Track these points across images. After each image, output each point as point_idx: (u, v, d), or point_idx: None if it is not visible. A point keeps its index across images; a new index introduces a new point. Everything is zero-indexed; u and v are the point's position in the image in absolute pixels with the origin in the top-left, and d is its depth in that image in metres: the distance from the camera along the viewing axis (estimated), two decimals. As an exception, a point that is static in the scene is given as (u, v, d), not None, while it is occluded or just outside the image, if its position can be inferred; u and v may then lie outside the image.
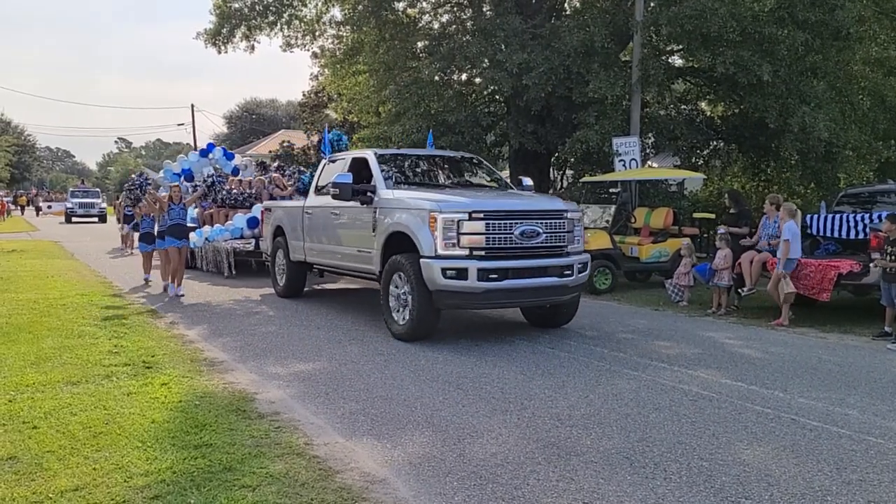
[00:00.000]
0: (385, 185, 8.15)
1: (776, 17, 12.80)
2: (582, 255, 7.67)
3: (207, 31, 17.83)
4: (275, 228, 11.10)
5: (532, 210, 7.36)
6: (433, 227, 7.03)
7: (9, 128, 65.19)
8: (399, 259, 7.43)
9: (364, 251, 8.29)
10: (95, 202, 39.32)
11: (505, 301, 7.45)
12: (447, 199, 7.30)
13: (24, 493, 3.62)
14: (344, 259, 8.97)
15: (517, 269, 7.11)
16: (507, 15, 15.07)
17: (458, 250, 6.98)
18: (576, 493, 3.73)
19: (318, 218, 9.62)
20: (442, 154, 10.47)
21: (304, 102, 31.05)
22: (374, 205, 8.04)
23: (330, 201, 8.90)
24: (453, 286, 6.96)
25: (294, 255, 10.34)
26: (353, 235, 8.61)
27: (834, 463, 4.12)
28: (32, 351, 6.78)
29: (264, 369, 6.41)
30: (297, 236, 10.19)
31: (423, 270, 7.05)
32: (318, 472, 3.94)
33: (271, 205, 11.95)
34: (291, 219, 10.45)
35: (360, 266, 8.59)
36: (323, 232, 9.48)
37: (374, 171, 8.49)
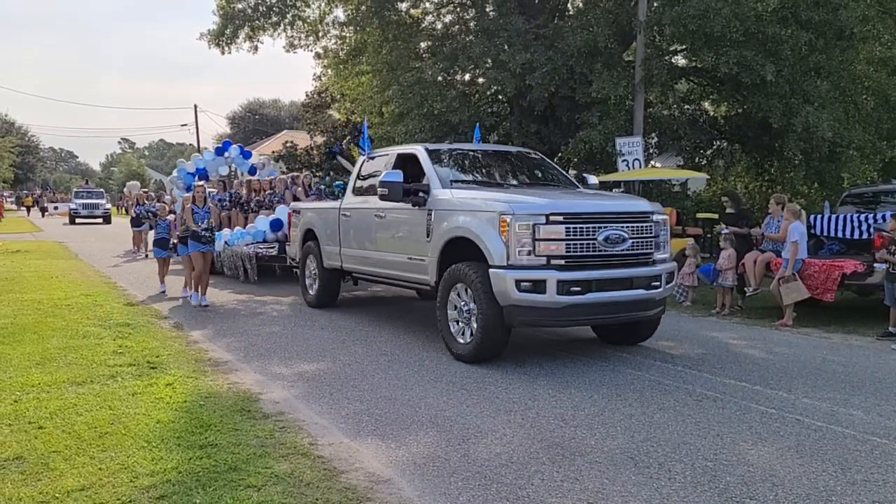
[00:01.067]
0: (441, 184, 7.22)
1: (779, 16, 12.78)
2: (668, 264, 6.82)
3: (211, 31, 17.86)
4: (305, 232, 10.21)
5: (617, 212, 6.49)
6: (504, 232, 6.13)
7: (12, 128, 65.39)
8: (461, 269, 6.56)
9: (415, 259, 7.38)
10: (100, 203, 38.81)
11: (587, 318, 6.51)
12: (520, 200, 6.40)
13: (30, 493, 3.63)
14: (389, 267, 7.99)
15: (601, 281, 6.22)
16: (510, 15, 15.07)
17: (533, 259, 6.08)
18: (580, 493, 3.73)
19: (357, 221, 8.70)
20: (497, 149, 9.37)
21: (308, 103, 31.04)
22: (429, 206, 7.14)
23: (372, 202, 8.16)
24: (529, 301, 6.05)
25: (328, 262, 9.45)
26: (402, 241, 7.71)
27: (838, 463, 4.12)
28: (37, 351, 6.80)
29: (269, 370, 6.43)
30: (332, 241, 9.30)
31: (494, 282, 6.15)
32: (323, 473, 3.95)
33: (301, 206, 10.94)
34: (325, 222, 9.57)
35: (409, 276, 7.63)
36: (364, 236, 8.54)
37: (427, 168, 7.57)
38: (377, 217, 8.15)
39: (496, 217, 6.24)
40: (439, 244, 6.91)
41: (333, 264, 9.35)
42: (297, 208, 10.90)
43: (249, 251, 12.54)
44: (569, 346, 7.46)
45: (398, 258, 7.76)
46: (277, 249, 12.47)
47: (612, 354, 7.03)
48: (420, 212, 7.27)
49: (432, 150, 8.00)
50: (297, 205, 11.22)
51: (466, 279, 6.49)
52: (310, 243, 10.00)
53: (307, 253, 10.10)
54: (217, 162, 16.79)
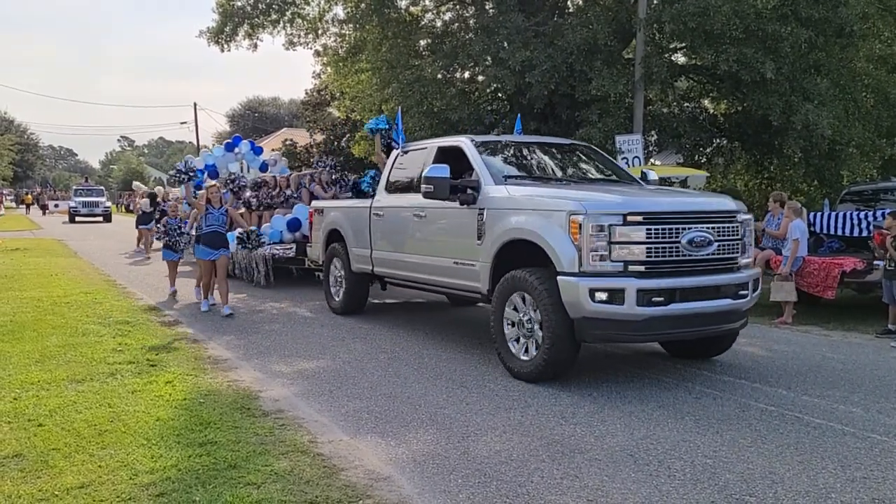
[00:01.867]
0: (493, 180, 6.52)
1: (779, 14, 12.76)
2: (755, 270, 6.17)
3: (210, 29, 17.82)
4: (329, 233, 9.44)
5: (703, 211, 5.78)
6: (575, 233, 5.41)
7: (12, 126, 65.35)
8: (522, 276, 5.84)
9: (464, 264, 6.66)
10: (100, 201, 38.27)
11: (669, 331, 5.71)
12: (592, 198, 5.70)
13: (30, 491, 3.63)
14: (431, 272, 7.26)
15: (686, 290, 5.51)
16: (510, 13, 15.04)
17: (609, 265, 5.37)
18: (580, 490, 3.73)
19: (393, 221, 7.96)
20: (549, 141, 8.49)
21: (307, 101, 31.02)
22: (480, 205, 6.43)
23: (410, 200, 7.53)
24: (604, 312, 5.34)
25: (356, 266, 8.69)
26: (447, 243, 6.97)
27: (838, 460, 4.12)
28: (37, 349, 6.80)
29: (268, 367, 6.43)
30: (362, 243, 8.54)
31: (563, 292, 5.44)
32: (323, 470, 3.95)
33: (325, 205, 10.07)
34: (354, 222, 8.78)
35: (455, 282, 6.90)
36: (400, 238, 7.81)
37: (476, 162, 6.87)
38: (416, 217, 7.41)
39: (565, 217, 5.51)
40: (494, 247, 6.20)
41: (363, 268, 8.61)
42: (319, 207, 10.06)
43: (265, 253, 11.73)
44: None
45: (442, 262, 7.02)
46: (295, 251, 11.73)
47: (612, 352, 7.03)
48: (469, 211, 6.54)
49: (480, 142, 7.28)
50: (321, 203, 10.34)
51: (528, 287, 5.77)
52: (335, 245, 9.25)
53: (332, 255, 9.35)
54: (227, 158, 16.00)
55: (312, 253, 10.42)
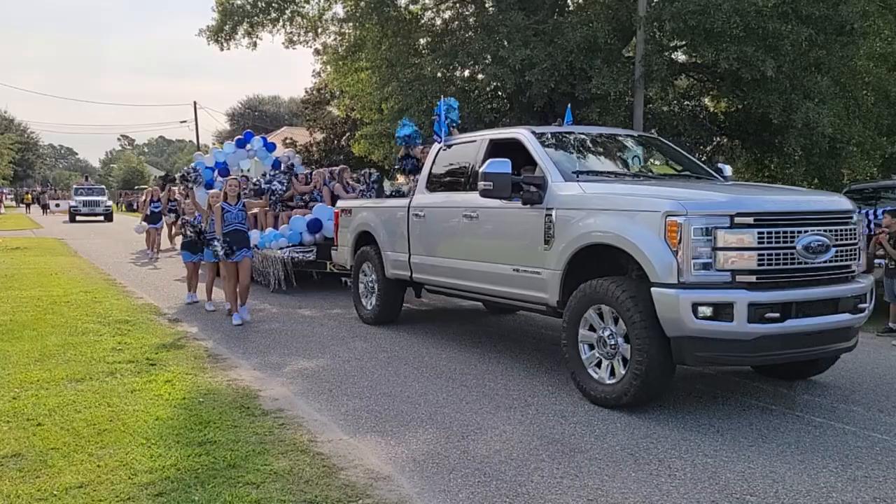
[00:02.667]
0: (562, 176, 5.74)
1: (780, 12, 12.74)
2: (869, 278, 5.43)
3: (210, 27, 17.81)
4: (358, 235, 8.65)
5: (818, 211, 5.04)
6: (673, 237, 4.66)
7: (12, 125, 65.34)
8: (605, 287, 5.06)
9: (526, 271, 5.88)
10: (101, 200, 37.75)
11: (782, 352, 4.90)
12: (692, 195, 5.00)
13: (28, 490, 3.62)
14: (485, 280, 6.47)
15: (803, 304, 4.78)
16: (510, 11, 15.02)
17: (714, 275, 4.62)
18: (580, 489, 3.72)
19: (436, 222, 7.19)
20: (616, 132, 7.70)
21: (307, 99, 31.02)
22: (547, 204, 5.64)
23: (457, 199, 6.87)
24: (710, 330, 4.58)
25: (392, 271, 7.91)
26: (506, 248, 6.16)
27: (839, 459, 4.11)
28: (36, 348, 6.80)
29: (268, 366, 6.42)
30: (399, 246, 7.78)
31: (659, 306, 4.68)
32: (322, 469, 3.94)
33: (354, 204, 9.21)
34: (389, 223, 8.01)
35: (516, 292, 6.08)
36: (446, 242, 7.04)
37: (540, 156, 6.04)
38: (466, 218, 6.64)
39: (660, 219, 4.75)
40: (566, 253, 5.42)
41: (399, 274, 7.82)
42: (347, 207, 9.19)
43: (284, 256, 10.92)
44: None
45: (499, 269, 6.22)
46: (316, 254, 10.95)
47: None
48: (533, 212, 5.77)
49: (540, 133, 6.47)
50: (349, 203, 9.45)
51: (612, 300, 5.00)
52: (366, 248, 8.46)
53: (362, 260, 8.55)
54: (238, 155, 15.32)
55: (338, 257, 9.47)
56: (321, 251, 10.84)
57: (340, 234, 9.24)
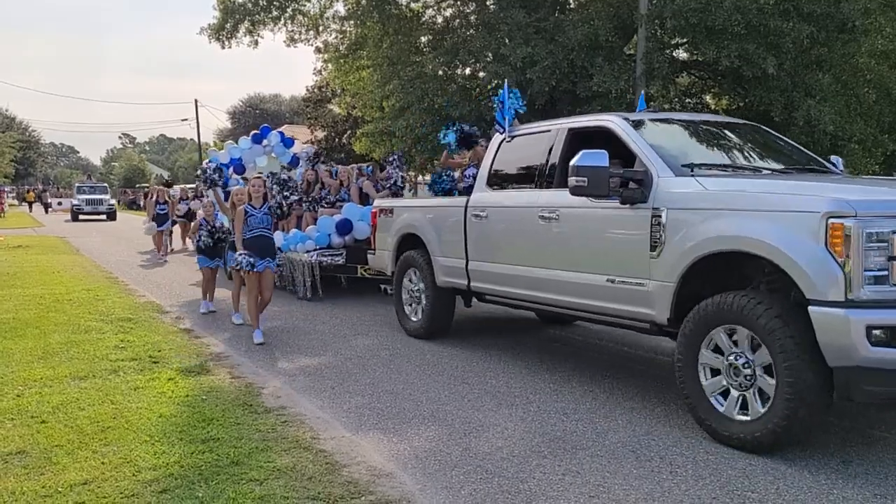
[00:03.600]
0: (671, 171, 4.85)
1: (781, 9, 12.73)
2: None
3: (211, 26, 17.82)
4: (402, 238, 7.74)
5: None
6: (837, 244, 3.81)
7: (13, 123, 65.42)
8: (740, 304, 4.19)
9: (625, 283, 4.97)
10: (104, 198, 36.96)
11: None
12: (854, 192, 4.19)
13: (33, 487, 3.64)
14: (569, 292, 5.53)
15: None
16: (511, 9, 15.02)
17: (890, 290, 3.81)
18: (581, 486, 3.74)
19: (502, 224, 6.32)
20: (720, 120, 6.63)
21: (308, 97, 31.03)
22: (654, 203, 4.75)
23: (530, 198, 5.96)
24: (889, 360, 3.74)
25: (444, 279, 7.05)
26: (599, 254, 5.23)
27: (840, 457, 4.12)
28: (39, 346, 6.82)
29: (270, 364, 6.44)
30: (453, 251, 6.90)
31: (821, 329, 3.85)
32: (325, 466, 3.96)
33: (397, 204, 8.30)
34: (441, 225, 7.16)
35: (611, 306, 5.15)
36: (515, 246, 6.12)
37: (640, 147, 5.10)
38: (544, 219, 5.71)
39: (819, 220, 3.88)
40: (683, 262, 4.54)
41: (453, 282, 6.98)
42: (388, 207, 8.20)
43: (311, 260, 10.02)
44: (570, 341, 7.47)
45: (587, 279, 5.31)
46: (345, 258, 10.10)
47: (614, 349, 7.03)
48: (635, 212, 4.88)
49: (636, 120, 5.57)
50: (391, 202, 8.52)
51: (751, 321, 4.12)
52: (411, 253, 7.57)
53: (407, 266, 7.64)
54: (255, 151, 14.37)
55: (376, 262, 8.45)
56: (351, 255, 10.05)
57: (379, 237, 8.24)
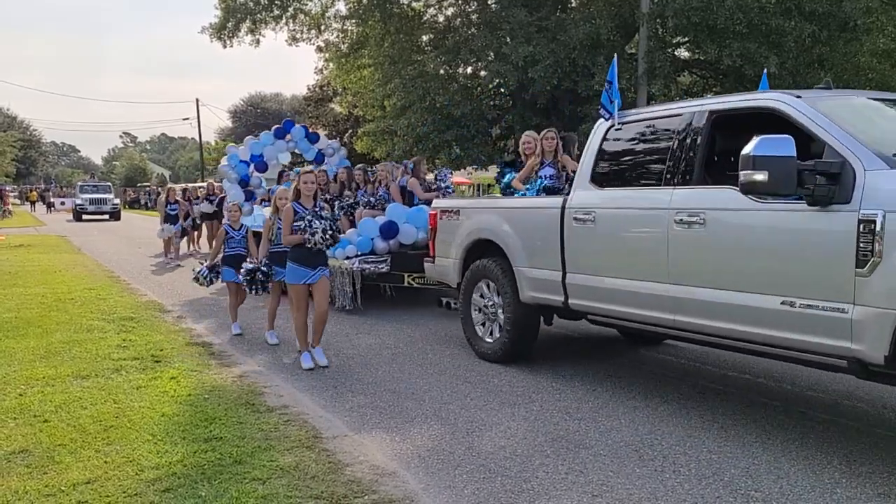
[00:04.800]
0: (883, 162, 3.77)
1: (783, 8, 12.72)
2: None
3: (213, 25, 17.83)
4: (472, 244, 6.65)
5: None
6: None
7: (14, 123, 65.49)
8: None
9: (814, 306, 3.91)
10: (107, 197, 35.82)
11: None
12: None
13: (36, 486, 3.64)
14: (719, 316, 4.42)
15: None
16: (513, 7, 15.01)
17: None
18: (585, 485, 3.73)
19: (618, 229, 5.18)
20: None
21: (309, 96, 31.09)
22: (860, 204, 3.71)
23: (658, 197, 4.83)
24: None
25: (531, 294, 5.92)
26: (769, 269, 4.17)
27: (843, 456, 4.12)
28: (42, 345, 6.82)
29: (273, 363, 6.44)
30: (544, 260, 5.77)
31: None
32: (328, 465, 3.96)
33: (465, 204, 7.18)
34: (527, 229, 6.02)
35: (791, 337, 4.06)
36: (638, 257, 4.98)
37: (832, 132, 4.01)
38: (682, 223, 4.60)
39: None
40: None
41: (544, 298, 5.85)
42: (452, 208, 7.09)
43: (352, 267, 8.87)
44: (571, 339, 7.46)
45: (752, 301, 4.23)
46: (390, 264, 8.95)
47: (615, 348, 7.03)
48: (832, 216, 3.83)
49: (813, 97, 4.42)
50: (456, 202, 7.40)
51: None
52: (484, 262, 6.48)
53: (479, 277, 6.57)
54: (277, 147, 13.27)
55: (436, 271, 7.32)
56: (397, 261, 8.97)
57: (440, 243, 7.16)
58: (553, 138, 7.00)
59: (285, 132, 13.32)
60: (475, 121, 16.09)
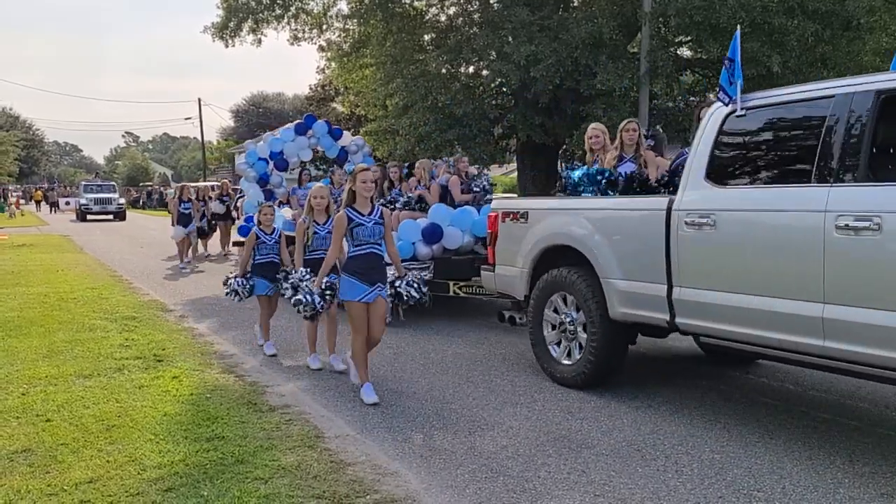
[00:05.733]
0: None
1: (786, 7, 12.70)
2: None
3: (215, 24, 17.84)
4: (543, 252, 5.75)
5: None
6: None
7: (17, 122, 65.60)
8: None
9: None
10: (113, 197, 34.95)
11: None
12: None
13: (39, 486, 3.65)
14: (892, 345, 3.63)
15: None
16: (515, 7, 15.00)
17: None
18: (587, 485, 3.73)
19: (750, 236, 4.33)
20: None
21: (311, 96, 31.11)
22: None
23: (805, 199, 4.04)
24: None
25: (624, 310, 5.05)
26: None
27: (846, 455, 4.11)
28: (44, 344, 6.83)
29: (274, 362, 6.45)
30: (644, 271, 4.92)
31: None
32: (330, 465, 3.96)
33: (534, 205, 6.09)
34: (621, 234, 5.12)
35: None
36: (780, 270, 4.15)
37: None
38: (844, 229, 3.80)
39: None
40: None
41: (642, 315, 4.97)
42: (519, 209, 6.10)
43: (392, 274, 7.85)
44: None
45: None
46: (433, 271, 8.12)
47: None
48: None
49: None
50: (523, 203, 6.47)
51: None
52: (563, 272, 5.57)
53: (552, 288, 5.68)
54: (298, 143, 12.33)
55: (497, 281, 6.37)
56: (441, 268, 8.17)
57: (502, 249, 6.23)
58: (635, 130, 6.18)
59: (307, 128, 12.39)
60: (477, 120, 16.08)
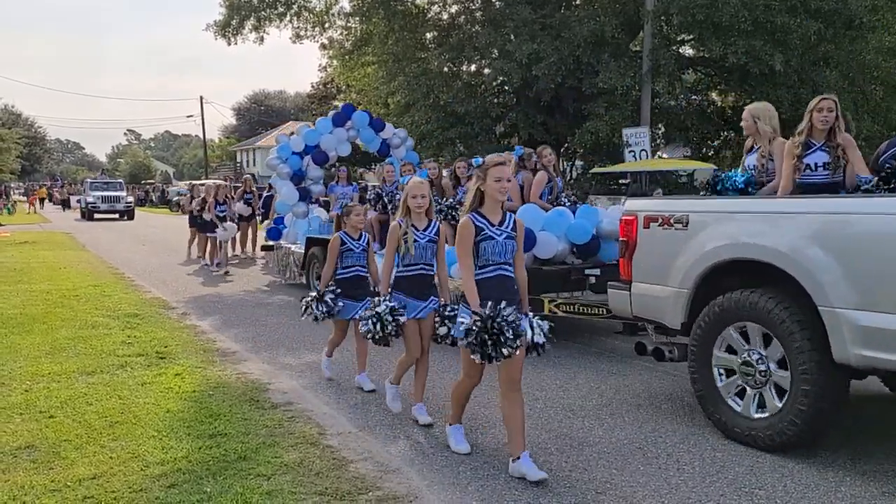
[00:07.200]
0: None
1: (788, 5, 12.69)
2: None
3: (217, 22, 17.86)
4: (714, 268, 4.42)
5: None
6: None
7: (19, 120, 65.62)
8: None
9: None
10: (121, 195, 33.50)
11: None
12: None
13: (42, 482, 3.66)
14: None
15: None
16: (517, 5, 15.00)
17: None
18: (589, 483, 3.74)
19: None
20: None
21: (313, 94, 31.12)
22: None
23: None
24: None
25: (865, 352, 3.66)
26: None
27: (848, 454, 4.11)
28: (47, 341, 6.84)
29: (277, 360, 6.45)
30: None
31: None
32: (332, 462, 3.96)
33: (697, 207, 4.70)
34: (861, 248, 3.71)
35: None
36: None
37: None
38: None
39: None
40: None
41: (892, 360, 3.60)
42: (673, 213, 4.72)
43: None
44: (575, 337, 7.46)
45: None
46: None
47: (620, 346, 7.02)
48: None
49: None
50: (678, 204, 4.89)
51: None
52: (746, 295, 4.22)
53: (728, 318, 4.34)
54: (337, 136, 11.12)
55: (637, 303, 5.04)
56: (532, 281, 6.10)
57: (647, 264, 4.90)
58: (831, 110, 4.97)
59: (345, 118, 11.22)
60: (479, 118, 16.09)
